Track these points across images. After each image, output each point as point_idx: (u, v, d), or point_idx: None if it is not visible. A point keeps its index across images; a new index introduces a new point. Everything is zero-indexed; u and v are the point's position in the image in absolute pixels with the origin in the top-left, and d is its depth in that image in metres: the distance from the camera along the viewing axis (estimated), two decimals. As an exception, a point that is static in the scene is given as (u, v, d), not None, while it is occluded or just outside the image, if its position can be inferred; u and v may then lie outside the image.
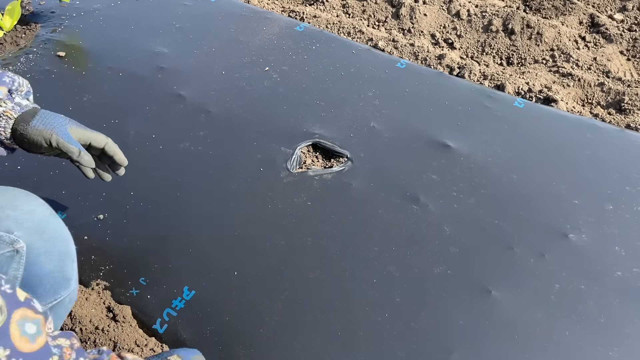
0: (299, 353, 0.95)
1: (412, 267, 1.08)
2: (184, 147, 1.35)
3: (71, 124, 0.87)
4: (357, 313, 1.01)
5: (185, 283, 1.06)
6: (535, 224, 1.16)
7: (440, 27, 1.91)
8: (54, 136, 0.83)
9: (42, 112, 0.84)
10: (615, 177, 1.27)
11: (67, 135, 0.84)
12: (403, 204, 1.21)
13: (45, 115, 0.84)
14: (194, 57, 1.67)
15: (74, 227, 1.17)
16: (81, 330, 0.95)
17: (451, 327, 0.99)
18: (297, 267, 1.09)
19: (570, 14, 1.92)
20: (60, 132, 0.84)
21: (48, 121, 0.83)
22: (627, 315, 1.00)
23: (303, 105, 1.48)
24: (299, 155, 1.33)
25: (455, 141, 1.36)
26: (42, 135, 0.82)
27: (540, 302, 1.02)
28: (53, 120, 0.84)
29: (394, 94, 1.52)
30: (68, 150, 0.85)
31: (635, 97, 1.53)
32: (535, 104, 1.50)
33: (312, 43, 1.73)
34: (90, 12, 1.92)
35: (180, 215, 1.19)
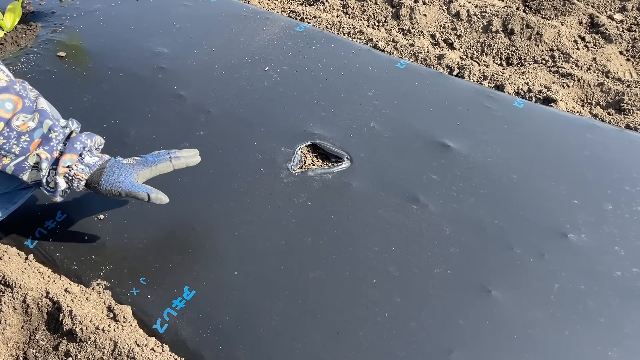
0: (299, 353, 0.95)
1: (412, 267, 1.08)
2: (184, 147, 1.35)
3: (135, 172, 0.96)
4: (357, 313, 1.01)
5: (185, 283, 1.06)
6: (535, 223, 1.16)
7: (440, 28, 1.92)
8: (123, 191, 0.95)
9: (108, 168, 0.94)
10: (614, 177, 1.27)
11: (134, 186, 0.95)
12: (403, 204, 1.21)
13: (111, 172, 0.93)
14: (194, 57, 1.67)
15: (74, 227, 1.17)
16: (81, 330, 0.95)
17: (451, 327, 0.99)
18: (297, 267, 1.09)
19: (570, 14, 1.92)
20: (127, 185, 0.95)
21: (114, 179, 0.94)
22: (627, 315, 1.00)
23: (303, 105, 1.48)
24: (299, 155, 1.33)
25: (455, 141, 1.37)
26: (112, 192, 0.95)
27: (540, 302, 1.02)
28: (118, 176, 0.94)
29: (394, 94, 1.52)
30: (138, 198, 0.97)
31: (634, 97, 1.54)
32: (535, 104, 1.51)
33: (312, 43, 1.73)
34: (90, 12, 1.92)
35: (181, 215, 1.19)
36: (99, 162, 0.94)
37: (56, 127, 0.90)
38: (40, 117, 0.88)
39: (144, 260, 1.10)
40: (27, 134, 0.87)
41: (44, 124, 0.89)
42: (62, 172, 0.91)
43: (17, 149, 0.87)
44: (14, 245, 1.15)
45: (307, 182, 1.26)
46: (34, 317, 1.01)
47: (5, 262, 1.09)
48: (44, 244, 1.14)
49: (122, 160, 0.98)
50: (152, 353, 0.93)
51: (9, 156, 0.87)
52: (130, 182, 0.95)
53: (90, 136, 0.95)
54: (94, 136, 0.95)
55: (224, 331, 0.98)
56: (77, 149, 0.91)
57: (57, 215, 1.19)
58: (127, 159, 0.98)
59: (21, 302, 1.01)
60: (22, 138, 0.87)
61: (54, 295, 1.01)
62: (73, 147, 0.91)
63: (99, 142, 0.97)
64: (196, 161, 1.04)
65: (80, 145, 0.91)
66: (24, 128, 0.87)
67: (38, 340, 0.98)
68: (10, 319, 1.00)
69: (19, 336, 1.00)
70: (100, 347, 0.93)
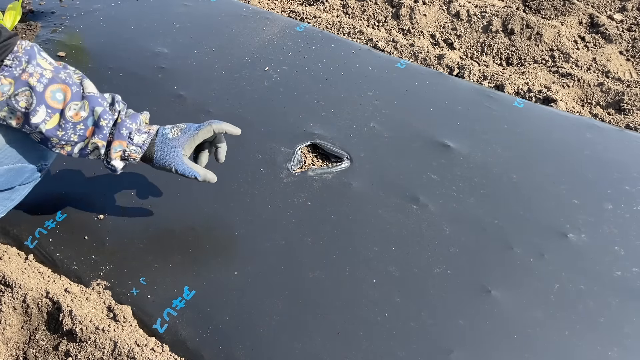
0: (299, 353, 0.95)
1: (412, 267, 1.08)
2: (184, 147, 1.35)
3: (181, 146, 1.00)
4: (357, 313, 1.01)
5: (185, 283, 1.06)
6: (535, 223, 1.16)
7: (440, 28, 1.92)
8: (174, 170, 1.01)
9: (157, 146, 0.99)
10: (614, 176, 1.27)
11: (183, 168, 1.01)
12: (403, 204, 1.21)
13: (161, 152, 0.99)
14: (194, 57, 1.67)
15: (74, 227, 1.17)
16: (81, 330, 0.95)
17: (451, 327, 0.99)
18: (297, 267, 1.09)
19: (570, 14, 1.92)
20: (177, 165, 1.00)
21: (165, 158, 1.00)
22: (627, 315, 1.00)
23: (303, 105, 1.48)
24: (299, 155, 1.33)
25: (455, 141, 1.37)
26: (164, 169, 1.02)
27: (540, 302, 1.02)
28: (168, 156, 0.99)
29: (394, 94, 1.52)
30: (190, 177, 1.03)
31: (634, 97, 1.54)
32: (535, 104, 1.51)
33: (312, 43, 1.73)
34: (90, 12, 1.92)
35: (181, 215, 1.19)
36: (147, 139, 0.99)
37: (106, 113, 0.94)
38: (89, 104, 0.92)
39: (144, 260, 1.10)
40: (81, 122, 0.92)
41: (95, 111, 0.93)
42: (116, 157, 0.97)
43: (75, 137, 0.93)
44: (14, 245, 1.15)
45: (307, 182, 1.26)
46: (34, 317, 1.01)
47: (5, 262, 1.09)
48: (44, 244, 1.14)
49: (169, 133, 1.01)
50: (152, 353, 0.93)
51: (70, 144, 0.93)
52: (180, 163, 1.00)
53: (133, 118, 0.97)
54: (137, 117, 0.98)
55: (224, 331, 0.98)
56: (124, 135, 0.96)
57: (57, 215, 1.19)
58: (172, 130, 1.01)
59: (21, 302, 1.01)
60: (77, 127, 0.92)
61: (54, 295, 1.01)
62: (120, 133, 0.95)
63: (144, 120, 1.01)
64: (236, 132, 1.06)
65: (126, 131, 0.96)
66: (77, 118, 0.91)
67: (38, 340, 0.98)
68: (10, 319, 1.00)
69: (19, 336, 1.00)
70: (100, 347, 0.93)
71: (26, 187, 1.06)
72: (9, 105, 0.86)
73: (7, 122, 0.89)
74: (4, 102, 0.86)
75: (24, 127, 0.90)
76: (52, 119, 0.89)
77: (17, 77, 0.85)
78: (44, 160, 1.03)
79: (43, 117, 0.88)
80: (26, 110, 0.87)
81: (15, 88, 0.85)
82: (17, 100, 0.86)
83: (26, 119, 0.88)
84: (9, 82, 0.84)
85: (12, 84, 0.85)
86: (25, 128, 0.90)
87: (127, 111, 0.99)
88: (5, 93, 0.85)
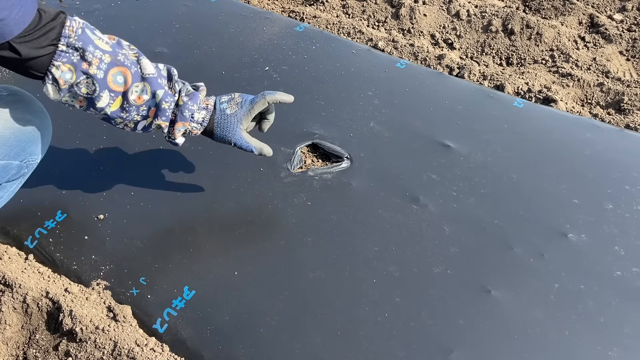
0: (299, 353, 0.95)
1: (412, 267, 1.08)
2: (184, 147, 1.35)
3: (239, 121, 1.04)
4: (357, 313, 1.01)
5: (185, 283, 1.06)
6: (535, 223, 1.16)
7: (440, 28, 1.92)
8: (233, 143, 1.05)
9: (217, 123, 1.03)
10: (614, 176, 1.27)
11: (242, 142, 1.05)
12: (403, 204, 1.21)
13: (221, 127, 1.03)
14: (194, 57, 1.67)
15: (74, 227, 1.17)
16: (81, 330, 0.95)
17: (451, 327, 0.99)
18: (297, 267, 1.09)
19: (570, 14, 1.92)
20: (237, 140, 1.05)
21: (225, 134, 1.04)
22: (627, 314, 1.00)
23: (303, 105, 1.48)
24: (299, 155, 1.33)
25: (455, 141, 1.37)
26: (224, 143, 1.06)
27: (540, 302, 1.02)
28: (227, 131, 1.03)
29: (394, 94, 1.52)
30: (247, 150, 1.07)
31: (634, 97, 1.54)
32: (535, 104, 1.51)
33: (312, 43, 1.73)
34: (90, 12, 1.92)
35: (180, 215, 1.19)
36: (207, 115, 1.02)
37: (167, 96, 0.96)
38: (151, 87, 0.94)
39: (144, 260, 1.10)
40: (144, 105, 0.94)
41: (156, 95, 0.95)
42: (178, 135, 1.01)
43: (138, 117, 0.96)
44: (14, 245, 1.15)
45: (307, 182, 1.26)
46: (34, 317, 1.01)
47: (5, 262, 1.09)
48: (44, 244, 1.14)
49: (227, 109, 1.03)
50: (152, 353, 0.93)
51: (133, 122, 0.96)
52: (239, 138, 1.05)
53: (194, 99, 0.99)
54: (197, 97, 1.00)
55: (224, 331, 0.98)
56: (187, 117, 0.99)
57: (57, 215, 1.19)
58: (230, 105, 1.04)
59: (21, 302, 1.01)
60: (140, 109, 0.95)
61: (54, 295, 1.01)
62: (183, 115, 0.98)
63: (203, 98, 1.03)
64: (289, 100, 1.08)
65: (189, 113, 0.99)
66: (140, 101, 0.94)
67: (38, 340, 0.98)
68: (10, 319, 1.00)
69: (19, 336, 1.00)
70: (100, 347, 0.93)
71: (14, 184, 1.04)
72: (71, 91, 0.87)
73: (69, 105, 0.91)
74: (66, 89, 0.87)
75: (89, 109, 0.92)
76: (115, 102, 0.91)
77: (76, 65, 0.85)
78: (31, 156, 1.02)
79: (107, 101, 0.90)
80: (89, 95, 0.88)
81: (76, 77, 0.85)
82: (79, 87, 0.87)
83: (90, 103, 0.90)
84: (68, 69, 0.84)
85: (73, 72, 0.85)
86: (90, 110, 0.92)
87: (186, 90, 1.00)
88: (68, 81, 0.85)
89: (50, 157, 1.31)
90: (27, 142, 0.98)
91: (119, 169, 1.29)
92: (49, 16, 0.82)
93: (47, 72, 0.84)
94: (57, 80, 0.85)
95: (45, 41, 0.81)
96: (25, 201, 1.21)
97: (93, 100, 0.89)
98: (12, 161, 0.98)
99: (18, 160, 0.98)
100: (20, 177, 1.04)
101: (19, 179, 1.05)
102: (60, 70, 0.84)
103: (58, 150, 1.33)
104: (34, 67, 0.83)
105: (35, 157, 1.03)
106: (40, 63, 0.83)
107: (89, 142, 1.36)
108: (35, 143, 1.00)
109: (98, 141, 1.36)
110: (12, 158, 0.97)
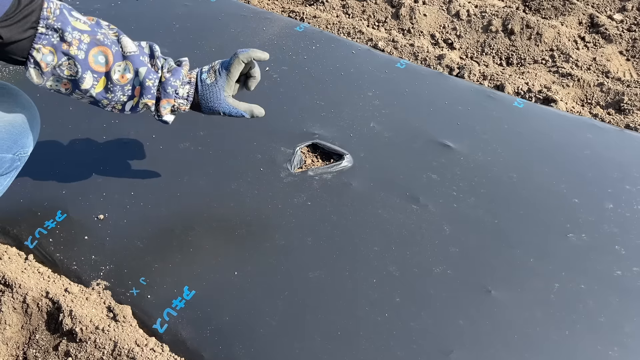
0: (299, 353, 0.95)
1: (412, 267, 1.08)
2: (184, 147, 1.35)
3: (222, 89, 1.01)
4: (357, 313, 1.01)
5: (185, 283, 1.06)
6: (535, 223, 1.16)
7: (439, 28, 1.92)
8: (222, 113, 1.03)
9: (201, 95, 1.01)
10: (614, 176, 1.27)
11: (230, 109, 1.03)
12: (403, 203, 1.21)
13: (206, 100, 1.01)
14: (194, 57, 1.67)
15: (74, 227, 1.17)
16: (81, 330, 0.95)
17: (451, 327, 0.99)
18: (297, 267, 1.09)
19: (570, 14, 1.92)
20: (224, 109, 1.02)
21: (211, 105, 1.02)
22: (627, 314, 1.00)
23: (303, 105, 1.48)
24: (299, 155, 1.33)
25: (455, 141, 1.37)
26: (213, 114, 1.04)
27: (540, 302, 1.02)
28: (213, 102, 1.01)
29: (394, 94, 1.52)
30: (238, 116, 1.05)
31: (634, 97, 1.54)
32: (535, 104, 1.51)
33: (312, 43, 1.73)
34: (90, 12, 1.92)
35: (180, 215, 1.19)
36: (191, 90, 1.01)
37: (150, 73, 0.95)
38: (133, 65, 0.93)
39: (144, 260, 1.10)
40: (128, 84, 0.94)
41: (139, 72, 0.94)
42: (166, 113, 1.00)
43: (124, 97, 0.95)
44: (14, 245, 1.15)
45: (307, 182, 1.26)
46: (34, 317, 1.01)
47: (5, 262, 1.09)
48: (44, 244, 1.14)
49: (207, 79, 1.01)
50: (152, 353, 0.93)
51: (120, 103, 0.96)
52: (226, 106, 1.03)
53: (176, 75, 0.99)
54: (179, 72, 0.99)
55: (224, 331, 0.98)
56: (170, 94, 0.98)
57: (57, 215, 1.19)
58: (209, 74, 1.02)
59: (21, 302, 1.01)
60: (125, 88, 0.94)
61: (54, 295, 1.01)
62: (166, 92, 0.98)
63: (185, 72, 1.02)
64: (265, 56, 1.06)
65: (172, 89, 0.98)
66: (124, 80, 0.93)
67: (38, 340, 0.98)
68: (10, 319, 1.00)
69: (19, 336, 1.00)
70: (100, 347, 0.93)
71: (7, 177, 1.04)
72: (54, 74, 0.87)
73: (55, 89, 0.91)
74: (49, 72, 0.86)
75: (74, 92, 0.91)
76: (99, 83, 0.91)
77: (56, 46, 0.84)
78: (23, 148, 1.01)
79: (91, 82, 0.89)
80: (72, 77, 0.88)
81: (58, 58, 0.85)
82: (61, 70, 0.86)
83: (74, 85, 0.89)
84: (49, 51, 0.84)
85: (54, 54, 0.84)
86: (76, 93, 0.91)
87: (169, 65, 1.00)
88: (50, 63, 0.85)
89: (50, 157, 1.31)
90: (18, 134, 0.98)
91: (119, 169, 1.29)
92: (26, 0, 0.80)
93: (28, 56, 0.83)
94: (39, 63, 0.84)
95: (26, 24, 0.81)
96: (25, 201, 1.21)
97: (77, 82, 0.88)
98: (5, 154, 0.98)
99: (11, 154, 0.98)
100: (13, 170, 1.04)
101: (12, 172, 1.05)
102: (41, 53, 0.83)
103: (58, 150, 1.33)
104: (15, 51, 0.82)
105: (27, 149, 1.02)
106: (21, 47, 0.82)
107: (89, 142, 1.36)
108: (26, 135, 0.99)
109: (98, 141, 1.36)
110: (5, 151, 0.97)
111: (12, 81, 1.56)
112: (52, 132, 1.36)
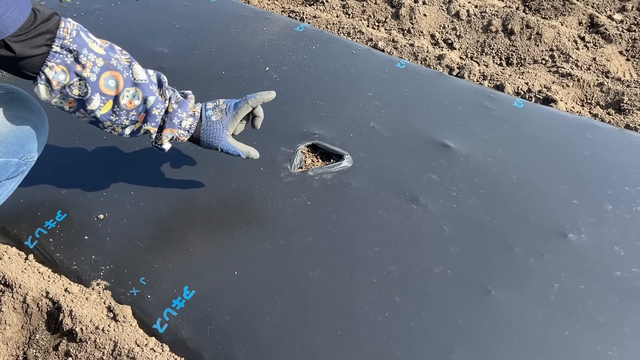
0: (299, 353, 0.95)
1: (412, 267, 1.08)
2: (184, 147, 1.35)
3: (225, 128, 1.06)
4: (357, 313, 1.01)
5: (185, 283, 1.06)
6: (535, 223, 1.17)
7: (439, 28, 1.92)
8: (219, 149, 1.08)
9: (203, 129, 1.05)
10: (614, 177, 1.27)
11: (228, 147, 1.08)
12: (403, 203, 1.21)
13: (207, 134, 1.06)
14: (194, 57, 1.67)
15: (74, 227, 1.17)
16: (81, 330, 0.95)
17: (451, 327, 0.99)
18: (297, 267, 1.09)
19: (570, 14, 1.92)
20: (222, 145, 1.07)
21: (211, 140, 1.06)
22: (627, 314, 1.01)
23: (303, 105, 1.48)
24: (299, 155, 1.33)
25: (455, 141, 1.37)
26: (210, 149, 1.09)
27: (540, 302, 1.02)
28: (213, 137, 1.06)
29: (394, 94, 1.52)
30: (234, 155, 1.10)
31: (634, 97, 1.54)
32: (535, 104, 1.51)
33: (312, 43, 1.73)
34: (90, 12, 1.92)
35: (180, 215, 1.19)
36: (194, 123, 1.04)
37: (158, 102, 0.98)
38: (142, 93, 0.95)
39: (144, 260, 1.10)
40: (134, 110, 0.96)
41: (147, 101, 0.96)
42: (165, 141, 1.04)
43: (127, 121, 0.98)
44: (14, 245, 1.15)
45: (307, 182, 1.26)
46: (34, 317, 1.01)
47: (5, 262, 1.09)
48: (44, 244, 1.14)
49: (212, 115, 1.05)
50: (152, 353, 0.93)
51: (121, 127, 0.98)
52: (225, 143, 1.07)
53: (183, 107, 1.02)
54: (187, 105, 1.02)
55: (224, 331, 0.98)
56: (175, 124, 1.02)
57: (57, 215, 1.19)
58: (215, 112, 1.06)
59: (21, 302, 1.01)
60: (130, 113, 0.96)
61: (54, 295, 1.01)
62: (171, 122, 1.01)
63: (191, 105, 1.04)
64: (270, 97, 1.10)
65: (177, 120, 1.01)
66: (131, 106, 0.95)
67: (38, 340, 0.98)
68: (10, 319, 1.00)
69: (19, 336, 1.00)
70: (100, 347, 0.93)
71: (13, 182, 1.05)
72: (62, 92, 0.88)
73: (58, 106, 0.92)
74: (58, 90, 0.87)
75: (79, 110, 0.92)
76: (106, 105, 0.92)
77: (70, 66, 0.85)
78: (29, 153, 1.02)
79: (98, 104, 0.91)
80: (80, 97, 0.89)
81: (70, 78, 0.86)
82: (71, 89, 0.87)
83: (80, 104, 0.91)
84: (62, 70, 0.85)
85: (67, 73, 0.86)
86: (80, 112, 0.92)
87: (176, 97, 1.02)
88: (61, 82, 0.86)
89: (50, 157, 1.31)
90: (25, 139, 0.98)
91: (119, 169, 1.29)
92: (43, 16, 0.82)
93: (39, 72, 0.84)
94: (50, 80, 0.85)
95: (40, 41, 0.82)
96: (25, 201, 1.21)
97: (84, 102, 0.90)
98: (12, 159, 0.98)
99: (17, 158, 0.98)
100: (19, 175, 1.04)
101: (18, 176, 1.05)
102: (53, 71, 0.84)
103: (58, 150, 1.33)
104: (27, 66, 0.83)
105: (33, 154, 1.03)
106: (33, 63, 0.83)
107: (89, 142, 1.36)
108: (33, 140, 1.00)
109: (98, 141, 1.36)
110: (11, 156, 0.97)
111: (12, 81, 1.56)
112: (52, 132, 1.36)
